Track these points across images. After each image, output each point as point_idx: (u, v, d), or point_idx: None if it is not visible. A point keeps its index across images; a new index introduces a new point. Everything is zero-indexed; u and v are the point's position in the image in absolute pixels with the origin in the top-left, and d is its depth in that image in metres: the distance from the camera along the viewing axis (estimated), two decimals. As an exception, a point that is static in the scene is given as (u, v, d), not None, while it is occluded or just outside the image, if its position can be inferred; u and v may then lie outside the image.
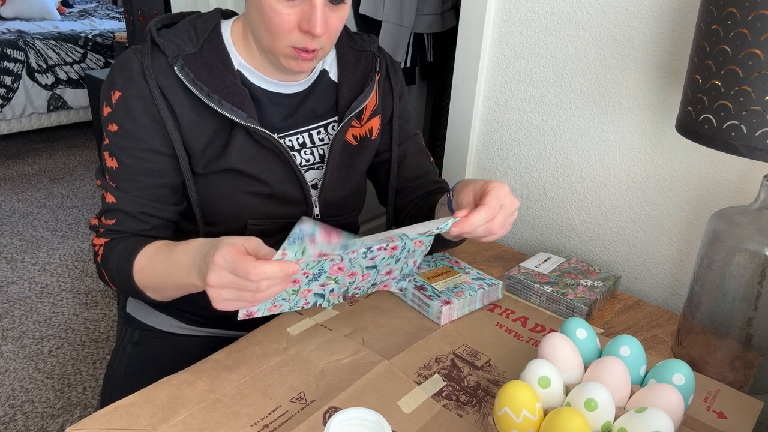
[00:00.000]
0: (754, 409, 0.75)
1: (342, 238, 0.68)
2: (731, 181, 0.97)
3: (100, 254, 0.83)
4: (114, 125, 0.80)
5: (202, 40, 0.82)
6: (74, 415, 1.66)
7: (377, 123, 0.95)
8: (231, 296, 0.64)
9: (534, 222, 1.26)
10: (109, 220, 0.83)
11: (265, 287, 0.62)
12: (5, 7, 3.89)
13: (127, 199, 0.82)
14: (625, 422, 0.58)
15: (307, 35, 0.75)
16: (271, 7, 0.74)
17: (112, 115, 0.80)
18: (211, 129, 0.82)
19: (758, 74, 0.66)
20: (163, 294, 0.79)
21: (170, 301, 0.83)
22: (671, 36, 0.98)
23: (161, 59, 0.80)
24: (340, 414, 0.54)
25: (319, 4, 0.73)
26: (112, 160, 0.82)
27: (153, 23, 0.84)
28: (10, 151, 3.57)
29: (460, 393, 0.75)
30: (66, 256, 2.46)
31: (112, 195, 0.82)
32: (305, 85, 0.89)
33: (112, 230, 0.83)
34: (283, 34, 0.76)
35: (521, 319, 0.93)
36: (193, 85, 0.79)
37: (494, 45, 1.22)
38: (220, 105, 0.80)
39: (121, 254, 0.80)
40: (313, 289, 0.82)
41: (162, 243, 0.79)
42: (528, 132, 1.22)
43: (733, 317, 0.79)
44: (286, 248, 0.63)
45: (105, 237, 0.84)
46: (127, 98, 0.79)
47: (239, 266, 0.61)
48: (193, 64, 0.80)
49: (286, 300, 0.79)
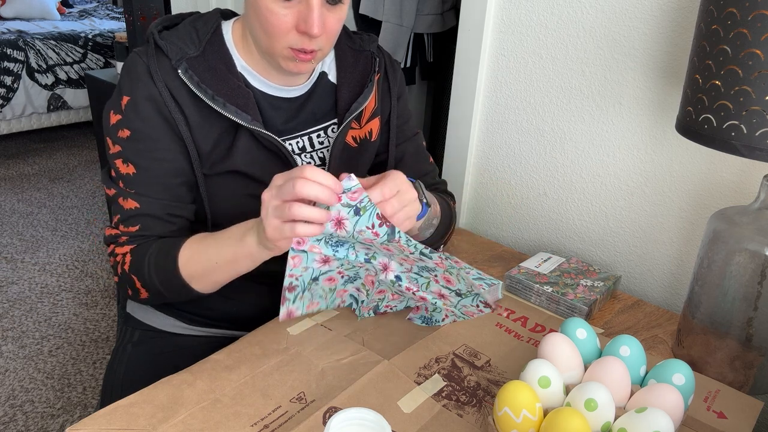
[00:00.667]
0: (754, 409, 0.75)
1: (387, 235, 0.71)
2: (731, 181, 0.97)
3: (127, 262, 0.81)
4: (126, 130, 0.80)
5: (204, 42, 0.82)
6: (74, 415, 1.66)
7: (377, 124, 0.95)
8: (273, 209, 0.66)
9: (534, 222, 1.26)
10: (132, 227, 0.82)
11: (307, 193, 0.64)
12: (5, 7, 3.89)
13: (152, 203, 0.81)
14: (625, 422, 0.58)
15: (305, 36, 0.75)
16: (268, 8, 0.73)
17: (122, 121, 0.80)
18: (217, 131, 0.82)
19: (758, 74, 0.66)
20: (213, 279, 0.79)
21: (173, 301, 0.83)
22: (671, 36, 0.98)
23: (165, 62, 0.79)
24: (340, 414, 0.54)
25: (315, 5, 0.72)
26: (127, 166, 0.81)
27: (154, 25, 0.83)
28: (10, 151, 3.57)
29: (460, 393, 0.75)
30: (66, 256, 2.46)
31: (134, 200, 0.81)
32: (305, 89, 0.89)
33: (136, 236, 0.82)
34: (281, 36, 0.75)
35: (521, 319, 0.93)
36: (197, 88, 0.79)
37: (494, 45, 1.22)
38: (224, 108, 0.79)
39: (159, 253, 0.79)
40: (348, 290, 0.84)
41: (206, 233, 0.80)
42: (528, 132, 1.22)
43: (733, 317, 0.79)
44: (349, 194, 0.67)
45: (130, 244, 0.82)
46: (137, 101, 0.78)
47: (294, 171, 0.66)
48: (197, 66, 0.80)
49: (323, 297, 0.83)
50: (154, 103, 0.79)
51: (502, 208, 1.31)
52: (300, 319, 0.88)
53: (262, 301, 0.94)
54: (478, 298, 0.85)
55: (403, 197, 0.73)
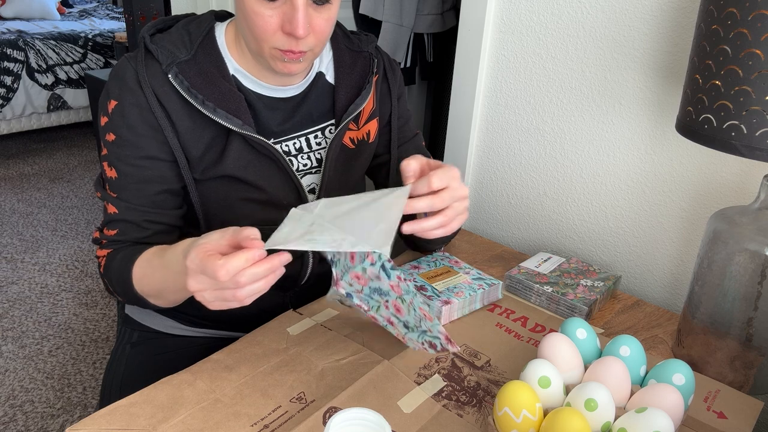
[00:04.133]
0: (754, 409, 0.75)
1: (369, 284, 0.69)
2: (731, 181, 0.97)
3: (102, 266, 0.83)
4: (111, 135, 0.80)
5: (196, 45, 0.81)
6: (74, 415, 1.66)
7: (375, 126, 0.95)
8: (214, 297, 0.62)
9: (534, 222, 1.26)
10: (111, 230, 0.83)
11: (243, 282, 0.60)
12: (5, 7, 3.89)
13: (129, 209, 0.81)
14: (625, 422, 0.58)
15: (291, 37, 0.74)
16: (253, 10, 0.72)
17: (108, 125, 0.80)
18: (208, 136, 0.82)
19: (758, 74, 0.66)
20: (166, 299, 0.79)
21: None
22: (671, 36, 0.98)
23: (155, 66, 0.79)
24: (340, 414, 0.54)
25: (300, 5, 0.71)
26: (111, 170, 0.81)
27: (146, 29, 0.82)
28: (10, 151, 3.57)
29: (460, 393, 0.75)
30: (66, 256, 2.46)
31: (114, 206, 0.82)
32: (301, 89, 0.88)
33: (113, 241, 0.83)
34: (266, 37, 0.74)
35: (521, 319, 0.93)
36: (187, 93, 0.78)
37: (494, 45, 1.22)
38: (214, 113, 0.79)
39: (120, 264, 0.80)
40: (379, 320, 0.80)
41: (156, 249, 0.77)
42: (528, 132, 1.22)
43: (733, 317, 0.79)
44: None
45: (107, 248, 0.83)
46: (123, 107, 0.78)
47: (207, 269, 0.59)
48: (188, 71, 0.79)
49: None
50: (139, 110, 0.78)
51: (502, 208, 1.31)
52: (300, 319, 0.88)
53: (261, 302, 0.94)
54: (424, 336, 0.77)
55: (454, 192, 0.71)
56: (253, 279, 0.60)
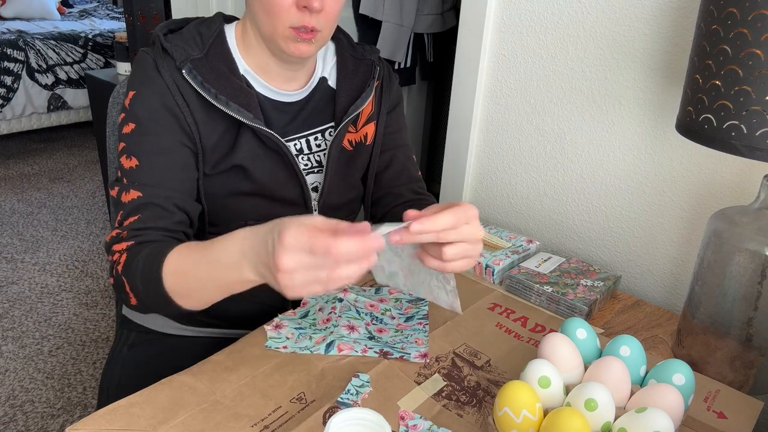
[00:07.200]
0: (754, 409, 0.75)
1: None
2: (731, 181, 0.97)
3: (122, 262, 0.75)
4: (130, 124, 0.79)
5: (208, 45, 0.83)
6: (74, 415, 1.66)
7: (372, 129, 0.96)
8: (305, 278, 0.57)
9: (534, 222, 1.26)
10: (132, 216, 0.78)
11: (344, 264, 0.56)
12: (5, 7, 3.89)
13: (155, 191, 0.78)
14: (625, 422, 0.58)
15: (305, 12, 0.76)
16: None
17: (126, 117, 0.80)
18: (220, 129, 0.83)
19: (758, 74, 0.66)
20: (198, 299, 0.72)
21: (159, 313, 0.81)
22: (671, 36, 0.98)
23: (170, 62, 0.81)
24: (340, 414, 0.54)
25: None
26: (130, 160, 0.79)
27: (159, 29, 0.84)
28: (10, 151, 3.57)
29: (460, 393, 0.75)
30: (66, 256, 2.46)
31: (136, 191, 0.78)
32: (304, 94, 0.90)
33: (135, 229, 0.77)
34: (282, 13, 0.76)
35: (521, 319, 0.93)
36: (201, 87, 0.80)
37: (494, 45, 1.22)
38: (227, 106, 0.80)
39: (146, 260, 0.73)
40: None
41: (192, 244, 0.72)
42: (528, 132, 1.22)
43: (733, 317, 0.79)
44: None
45: (127, 240, 0.77)
46: (143, 94, 0.79)
47: (316, 244, 0.55)
48: (201, 68, 0.81)
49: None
50: (160, 96, 0.79)
51: (502, 208, 1.31)
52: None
53: (261, 301, 0.94)
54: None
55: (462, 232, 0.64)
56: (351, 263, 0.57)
